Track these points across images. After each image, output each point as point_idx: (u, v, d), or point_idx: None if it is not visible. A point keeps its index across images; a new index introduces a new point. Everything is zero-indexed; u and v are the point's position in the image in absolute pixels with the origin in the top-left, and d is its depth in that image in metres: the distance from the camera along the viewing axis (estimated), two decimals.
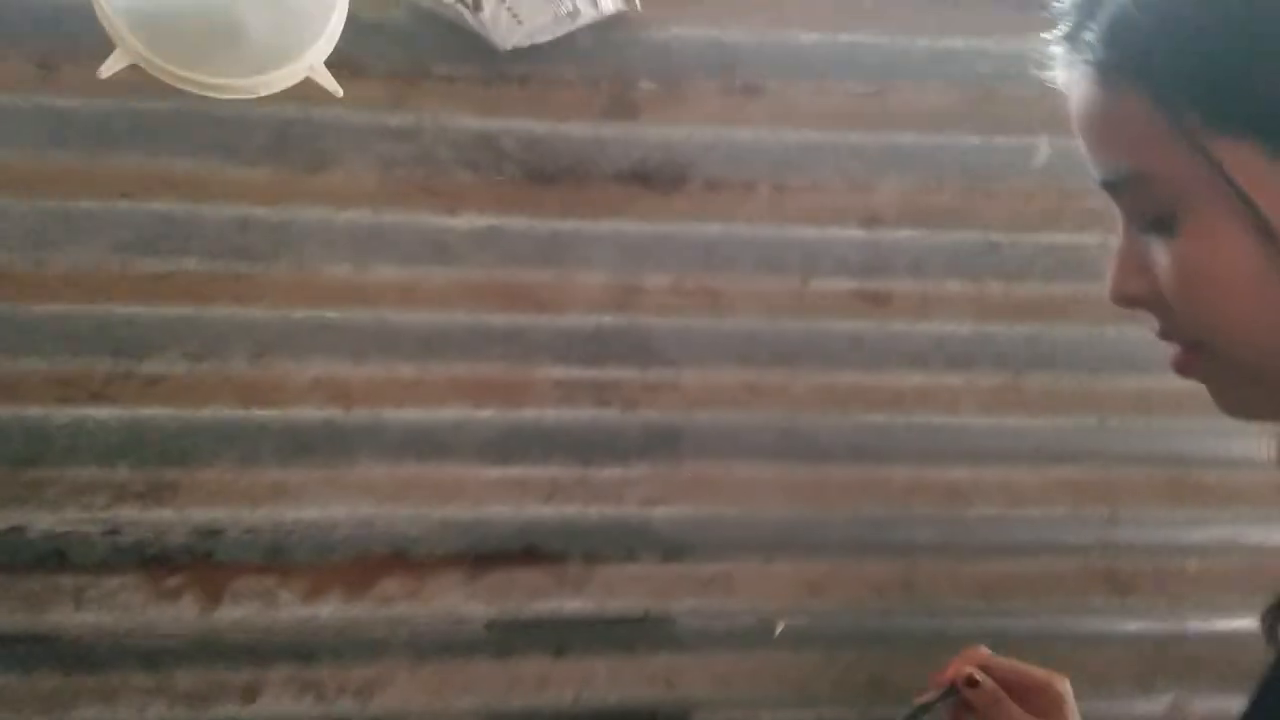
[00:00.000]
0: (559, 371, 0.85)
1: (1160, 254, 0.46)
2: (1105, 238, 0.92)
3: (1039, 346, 0.93)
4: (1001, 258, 0.92)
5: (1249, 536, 0.95)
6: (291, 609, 0.82)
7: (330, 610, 0.83)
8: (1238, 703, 0.99)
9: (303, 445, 0.82)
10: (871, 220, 0.90)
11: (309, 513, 0.82)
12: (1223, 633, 0.96)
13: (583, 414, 0.85)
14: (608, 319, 0.85)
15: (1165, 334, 0.49)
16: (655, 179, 0.86)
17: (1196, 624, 0.96)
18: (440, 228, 0.83)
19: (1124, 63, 0.46)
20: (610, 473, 0.86)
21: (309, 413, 0.81)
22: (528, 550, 0.85)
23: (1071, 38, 0.49)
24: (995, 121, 0.92)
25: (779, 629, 0.88)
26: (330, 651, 0.84)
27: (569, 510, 0.85)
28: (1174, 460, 0.95)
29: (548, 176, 0.85)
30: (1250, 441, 0.97)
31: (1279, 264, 0.42)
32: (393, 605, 0.84)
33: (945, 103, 0.91)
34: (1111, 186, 0.48)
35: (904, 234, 0.90)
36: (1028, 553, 0.93)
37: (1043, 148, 0.92)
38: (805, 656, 0.89)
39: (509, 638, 0.85)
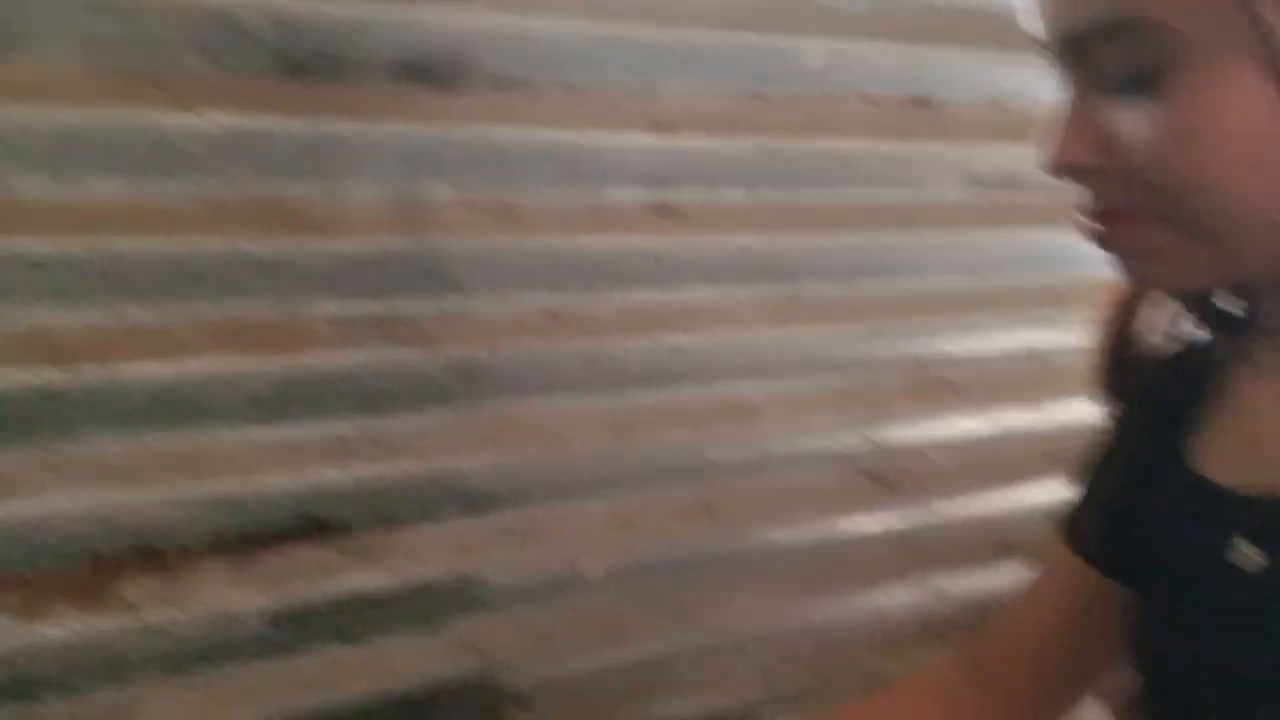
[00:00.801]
0: (335, 307, 0.75)
1: (1132, 116, 0.47)
2: (870, 144, 0.99)
3: (812, 255, 0.98)
4: (777, 165, 0.95)
5: (992, 427, 1.09)
6: (2, 633, 0.67)
7: (55, 630, 0.69)
8: (990, 578, 1.14)
9: (6, 420, 0.65)
10: (659, 125, 0.88)
11: (18, 507, 0.67)
12: (965, 516, 1.09)
13: (368, 356, 0.77)
14: (390, 241, 0.77)
15: (1111, 208, 0.50)
16: (433, 74, 0.78)
17: (945, 509, 1.08)
18: (173, 131, 0.69)
19: None
20: (405, 422, 0.79)
21: (12, 376, 0.65)
22: (310, 524, 0.76)
23: None
24: (770, 20, 0.93)
25: (592, 572, 0.87)
26: (57, 684, 0.69)
27: (358, 471, 0.77)
28: (924, 361, 1.06)
29: (306, 67, 0.73)
30: (989, 337, 1.11)
31: None
32: (139, 613, 0.72)
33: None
34: (1084, 39, 0.48)
35: (690, 140, 0.90)
36: (810, 462, 0.99)
37: (817, 50, 0.95)
38: (616, 596, 0.89)
39: (292, 631, 0.76)
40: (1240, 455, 0.57)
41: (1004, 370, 1.10)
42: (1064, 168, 0.50)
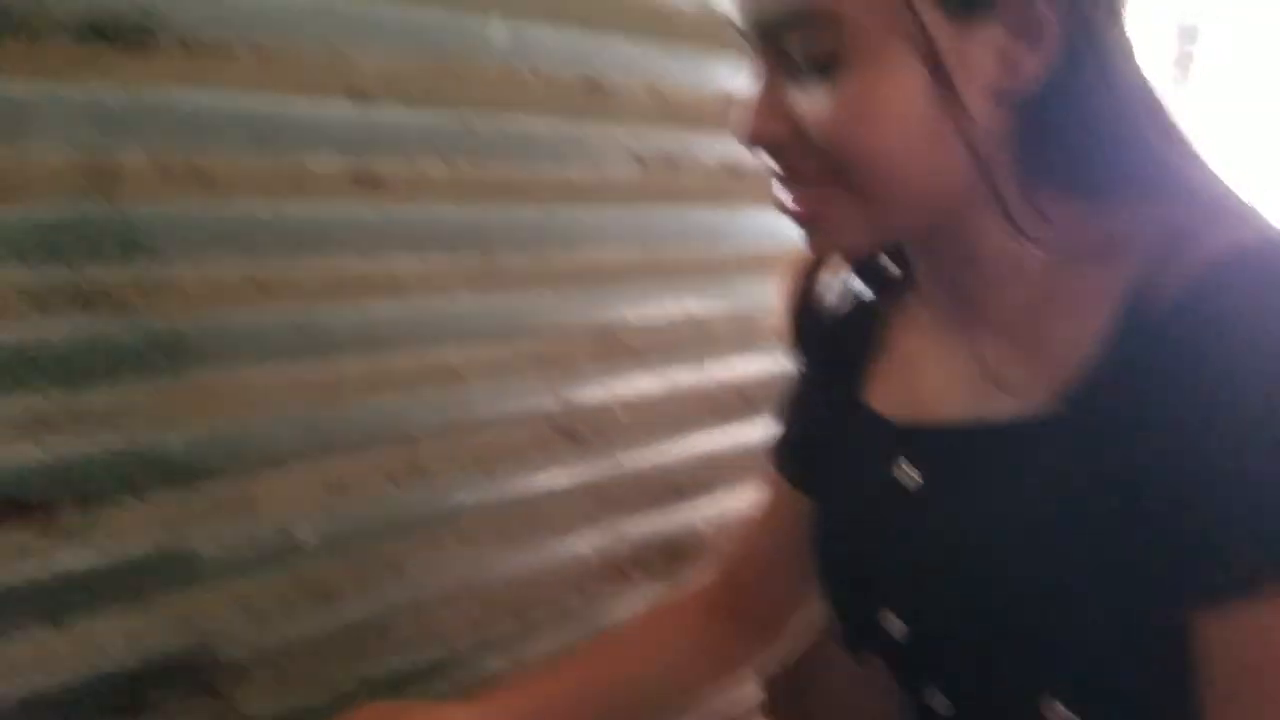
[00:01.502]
0: (26, 275, 0.71)
1: (812, 97, 0.55)
2: (549, 121, 1.06)
3: (506, 226, 1.04)
4: (472, 138, 1.00)
5: (664, 385, 1.20)
6: None
7: None
8: (664, 520, 1.26)
9: None
10: (357, 93, 0.90)
11: None
12: (645, 466, 1.21)
13: (62, 325, 0.73)
14: (82, 206, 0.73)
15: (794, 177, 0.58)
16: (121, 34, 0.75)
17: (628, 461, 1.19)
18: None
19: None
20: (104, 395, 0.75)
21: None
22: (7, 505, 0.71)
23: None
24: None
25: (304, 538, 0.87)
26: None
27: (57, 447, 0.73)
28: (606, 325, 1.15)
29: None
30: (658, 303, 1.23)
31: (946, 103, 0.53)
32: None
33: None
34: (776, 26, 0.55)
35: (388, 109, 0.92)
36: (510, 421, 1.06)
37: (499, 29, 1.00)
38: (329, 560, 0.91)
39: None
40: (902, 393, 0.69)
41: (672, 333, 1.23)
42: (756, 140, 0.58)
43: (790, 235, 0.65)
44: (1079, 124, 0.56)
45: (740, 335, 1.34)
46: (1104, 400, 0.54)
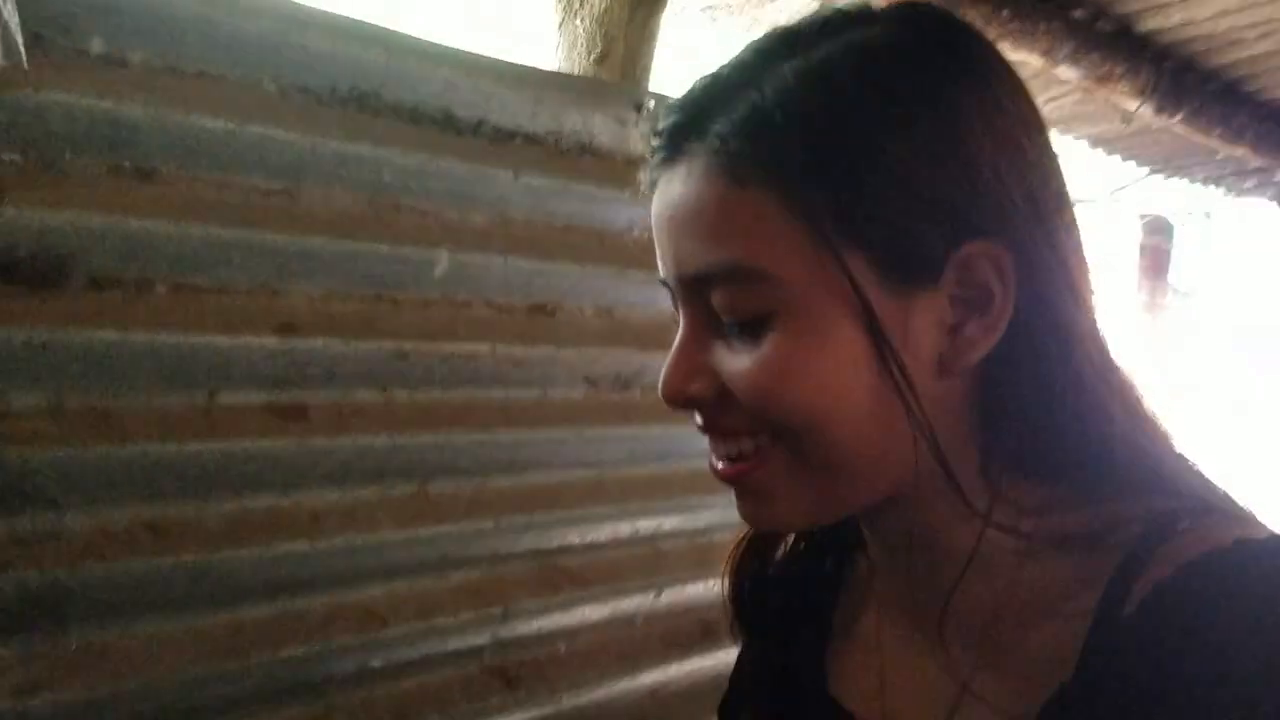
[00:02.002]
0: None
1: (739, 353, 0.51)
2: (494, 347, 1.04)
3: (443, 454, 1.00)
4: (408, 367, 0.97)
5: (612, 613, 1.14)
6: None
7: None
8: None
9: None
10: (284, 327, 0.87)
11: None
12: (587, 704, 1.13)
13: None
14: None
15: (727, 435, 0.53)
16: (26, 274, 0.73)
17: (570, 700, 1.11)
18: None
19: (759, 158, 0.49)
20: None
21: None
22: None
23: (692, 127, 0.52)
24: (399, 232, 0.97)
25: None
26: None
27: None
28: (549, 552, 1.10)
29: None
30: (608, 526, 1.18)
31: (884, 371, 0.49)
32: None
33: (353, 208, 0.93)
34: (699, 281, 0.51)
35: (318, 342, 0.90)
36: (436, 664, 0.99)
37: (443, 260, 0.99)
38: None
39: None
40: (869, 691, 0.61)
41: (621, 556, 1.17)
42: (675, 399, 0.54)
43: None
44: (1035, 399, 0.52)
45: (698, 557, 1.28)
46: (1090, 710, 0.48)
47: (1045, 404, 0.52)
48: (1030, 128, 0.54)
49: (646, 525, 1.22)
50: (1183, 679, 0.44)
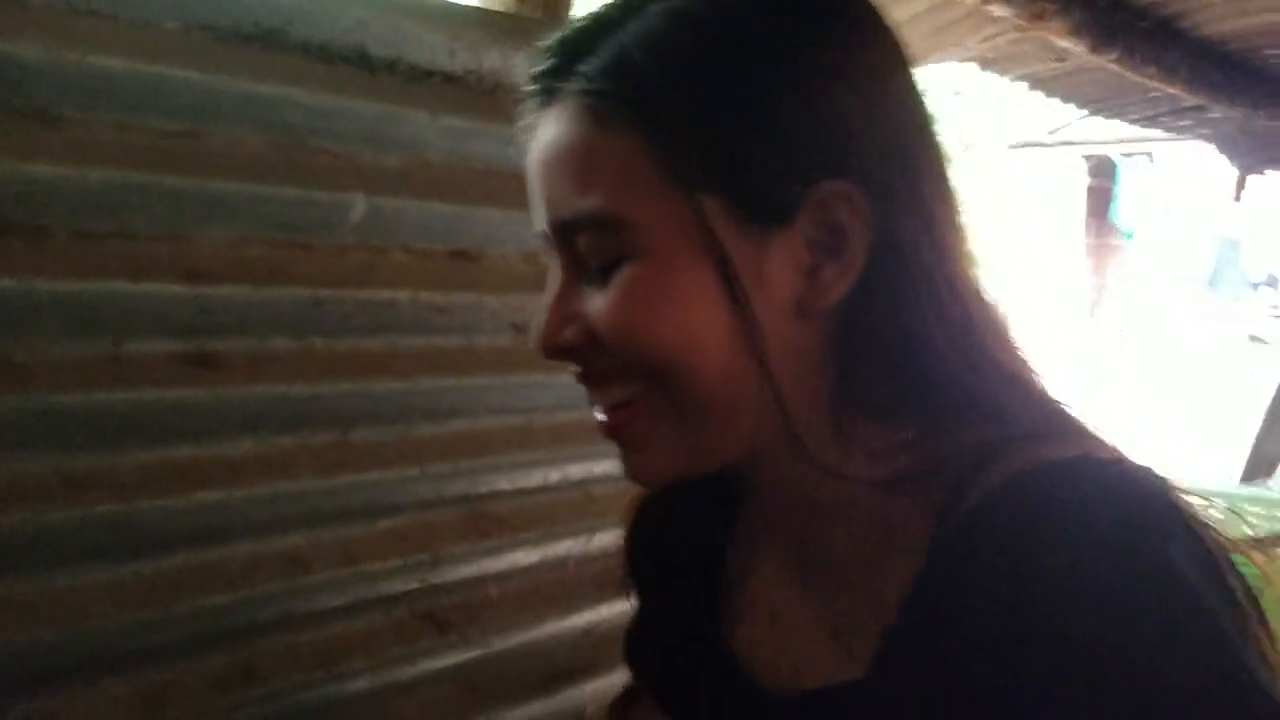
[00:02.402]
0: None
1: (600, 300, 0.52)
2: (415, 293, 1.03)
3: (364, 402, 0.99)
4: (324, 314, 0.96)
5: (542, 557, 1.15)
6: None
7: None
8: (538, 706, 1.19)
9: None
10: (192, 275, 0.86)
11: None
12: (518, 645, 1.14)
13: None
14: None
15: (600, 382, 0.56)
16: None
17: (501, 643, 1.12)
18: None
19: (623, 99, 0.50)
20: None
21: None
22: None
23: (562, 69, 0.53)
24: (311, 175, 0.95)
25: None
26: None
27: None
28: (478, 498, 1.10)
29: None
30: (538, 472, 1.18)
31: (739, 313, 0.51)
32: None
33: (261, 150, 0.92)
34: (568, 227, 0.53)
35: (228, 290, 0.89)
36: (363, 610, 0.99)
37: (359, 204, 0.98)
38: None
39: None
40: (761, 631, 0.63)
41: (551, 501, 1.18)
42: (548, 347, 0.55)
43: None
44: (880, 342, 0.53)
45: (627, 500, 1.29)
46: (908, 652, 0.49)
47: (899, 347, 0.53)
48: (892, 69, 0.54)
49: (576, 470, 1.22)
50: (988, 607, 0.46)
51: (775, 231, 0.52)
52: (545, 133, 0.53)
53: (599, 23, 0.53)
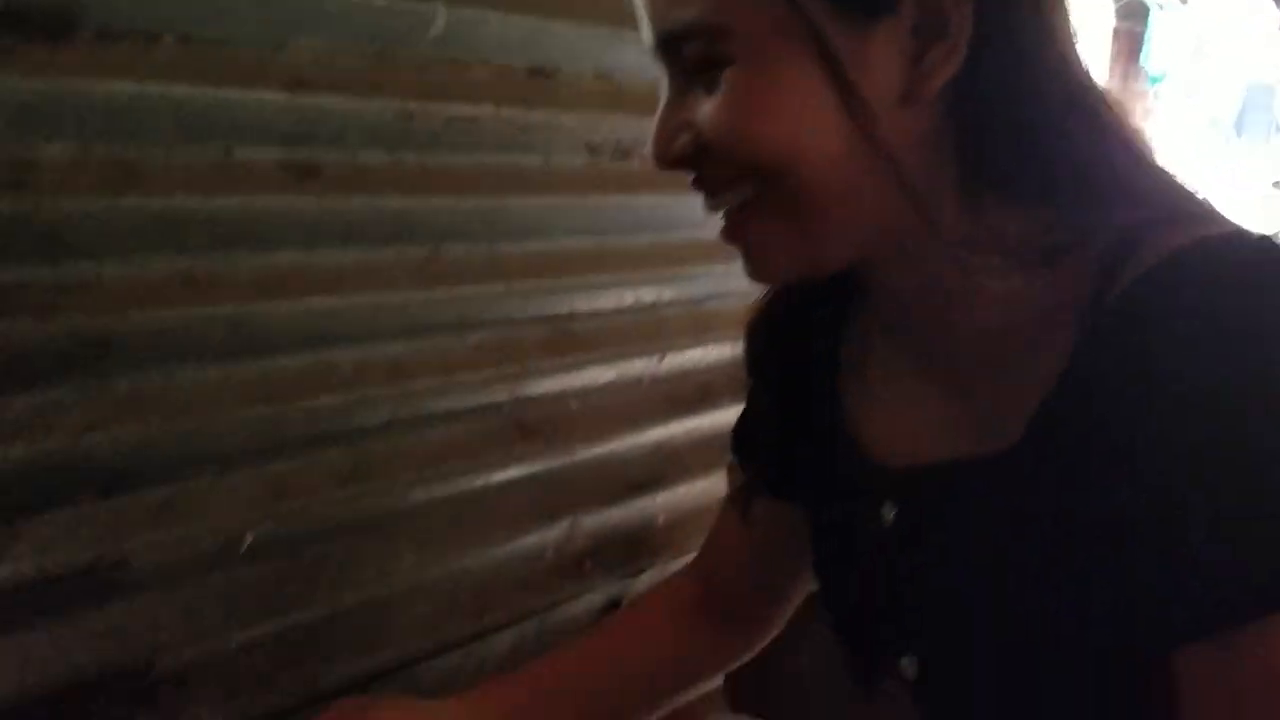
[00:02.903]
0: None
1: (710, 107, 0.53)
2: (496, 110, 1.04)
3: (453, 218, 1.01)
4: (413, 128, 0.97)
5: (618, 375, 1.19)
6: None
7: None
8: (615, 513, 1.25)
9: None
10: (294, 83, 0.87)
11: None
12: (600, 458, 1.19)
13: None
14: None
15: (714, 188, 0.57)
16: (32, 26, 0.72)
17: (583, 453, 1.17)
18: None
19: None
20: (26, 400, 0.72)
21: None
22: None
23: None
24: None
25: (246, 543, 0.85)
26: None
27: None
28: (557, 318, 1.13)
29: None
30: (611, 294, 1.21)
31: (848, 104, 0.51)
32: None
33: None
34: (671, 39, 0.54)
35: (325, 99, 0.90)
36: (460, 417, 1.04)
37: (439, 16, 0.98)
38: (273, 565, 0.89)
39: None
40: (883, 420, 0.66)
41: (625, 323, 1.21)
42: (662, 159, 0.56)
43: None
44: (1003, 122, 0.53)
45: (697, 325, 1.33)
46: (1065, 423, 0.52)
47: (1014, 127, 0.54)
48: None
49: (648, 294, 1.25)
50: (1148, 377, 0.48)
51: (878, 20, 0.52)
52: None
53: None
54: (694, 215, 1.37)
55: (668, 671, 0.83)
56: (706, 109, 0.53)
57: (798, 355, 0.73)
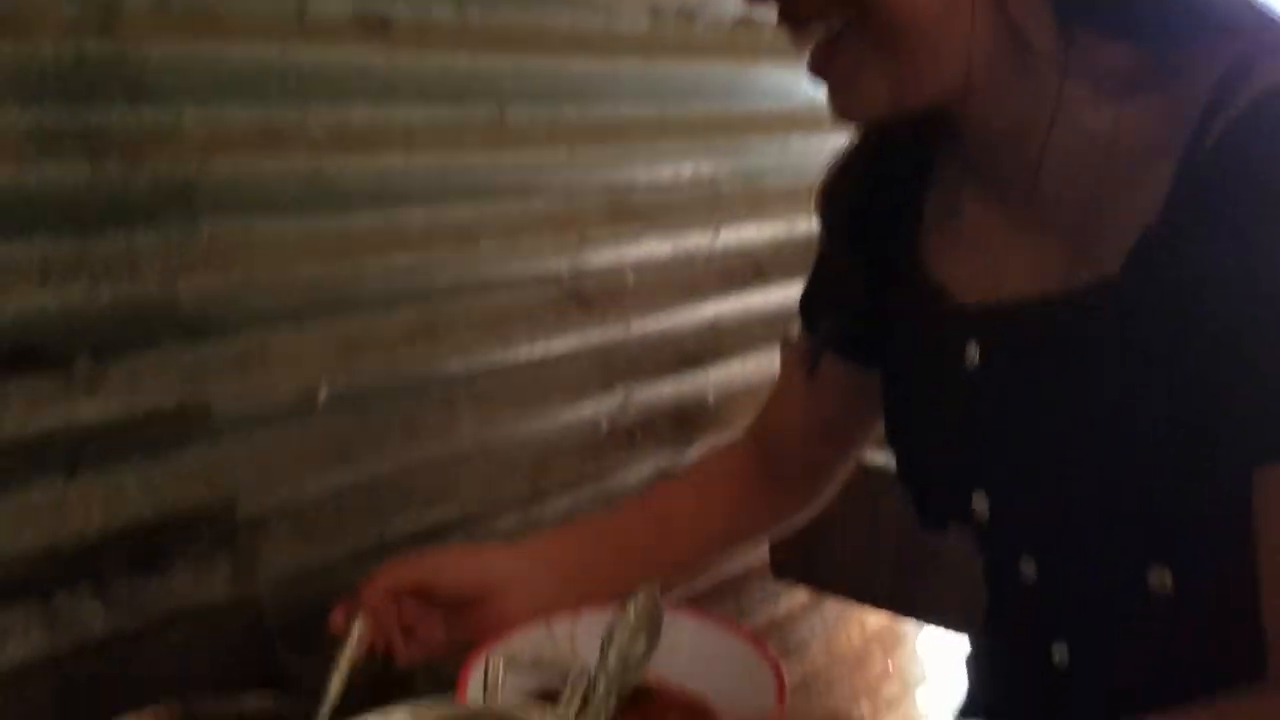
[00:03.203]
0: (32, 117, 0.69)
1: None
2: None
3: (517, 80, 1.01)
4: None
5: (674, 250, 1.19)
6: None
7: None
8: (668, 386, 1.26)
9: None
10: None
11: None
12: (655, 332, 1.20)
13: (71, 171, 0.71)
14: (84, 47, 0.70)
15: (804, 15, 0.55)
16: None
17: (638, 326, 1.18)
18: None
19: None
20: (114, 243, 0.74)
21: None
22: (19, 353, 0.70)
23: None
24: None
25: (322, 396, 0.87)
26: None
27: (67, 296, 0.72)
28: (617, 188, 1.13)
29: None
30: (669, 166, 1.20)
31: None
32: None
33: None
34: None
35: None
36: (523, 284, 1.05)
37: None
38: (344, 418, 0.91)
39: (9, 466, 0.70)
40: (962, 265, 0.65)
41: (682, 196, 1.21)
42: None
43: (805, 94, 0.61)
44: None
45: (753, 200, 1.32)
46: (1164, 257, 0.52)
47: None
48: None
49: (706, 167, 1.24)
50: (1254, 211, 0.48)
51: None
52: None
53: None
54: (754, 85, 1.35)
55: (718, 529, 0.85)
56: None
57: (879, 212, 0.72)
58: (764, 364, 1.34)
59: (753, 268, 1.34)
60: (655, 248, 1.20)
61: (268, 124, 0.81)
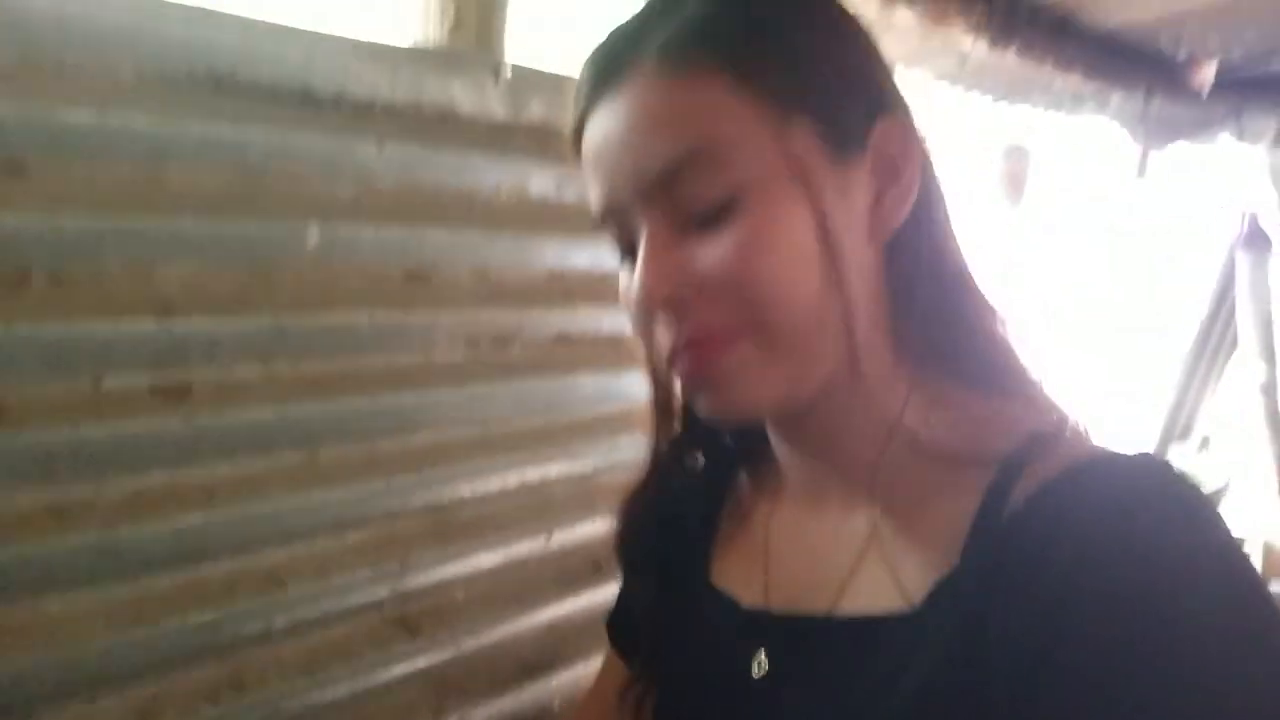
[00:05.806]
0: None
1: (712, 241, 0.55)
2: (373, 314, 1.08)
3: (329, 421, 1.05)
4: (287, 339, 1.01)
5: (506, 558, 1.21)
6: None
7: None
8: (508, 701, 1.25)
9: None
10: (164, 309, 0.91)
11: None
12: (486, 644, 1.20)
13: None
14: None
15: (700, 329, 0.57)
16: None
17: (470, 643, 1.18)
18: None
19: (705, 45, 0.54)
20: None
21: None
22: None
23: (629, 52, 0.56)
24: (268, 207, 1.00)
25: None
26: None
27: None
28: (441, 507, 1.16)
29: None
30: (496, 478, 1.24)
31: (827, 242, 0.54)
32: None
33: (219, 187, 0.96)
34: (664, 179, 0.55)
35: (197, 321, 0.93)
36: (339, 619, 1.05)
37: (314, 233, 1.03)
38: None
39: None
40: (760, 573, 0.67)
41: (511, 505, 1.24)
42: (657, 301, 0.56)
43: (626, 392, 0.65)
44: (930, 284, 0.59)
45: (583, 499, 1.36)
46: (959, 601, 0.54)
47: (938, 291, 0.59)
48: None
49: (534, 474, 1.28)
50: (1051, 571, 0.51)
51: (853, 160, 0.56)
52: (615, 109, 0.56)
53: (648, 11, 0.58)
54: (576, 395, 1.41)
55: None
56: (712, 251, 0.55)
57: (673, 544, 0.75)
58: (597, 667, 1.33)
59: (590, 565, 1.36)
60: (486, 559, 1.22)
61: (57, 502, 0.83)
